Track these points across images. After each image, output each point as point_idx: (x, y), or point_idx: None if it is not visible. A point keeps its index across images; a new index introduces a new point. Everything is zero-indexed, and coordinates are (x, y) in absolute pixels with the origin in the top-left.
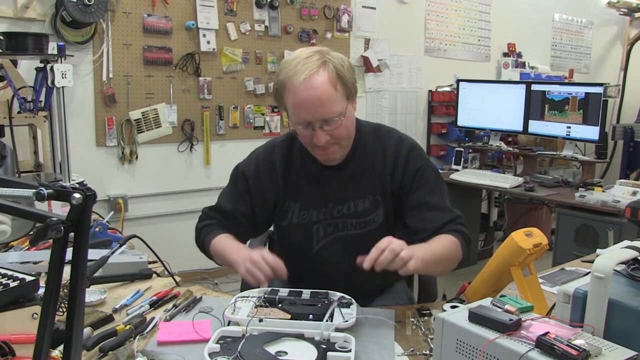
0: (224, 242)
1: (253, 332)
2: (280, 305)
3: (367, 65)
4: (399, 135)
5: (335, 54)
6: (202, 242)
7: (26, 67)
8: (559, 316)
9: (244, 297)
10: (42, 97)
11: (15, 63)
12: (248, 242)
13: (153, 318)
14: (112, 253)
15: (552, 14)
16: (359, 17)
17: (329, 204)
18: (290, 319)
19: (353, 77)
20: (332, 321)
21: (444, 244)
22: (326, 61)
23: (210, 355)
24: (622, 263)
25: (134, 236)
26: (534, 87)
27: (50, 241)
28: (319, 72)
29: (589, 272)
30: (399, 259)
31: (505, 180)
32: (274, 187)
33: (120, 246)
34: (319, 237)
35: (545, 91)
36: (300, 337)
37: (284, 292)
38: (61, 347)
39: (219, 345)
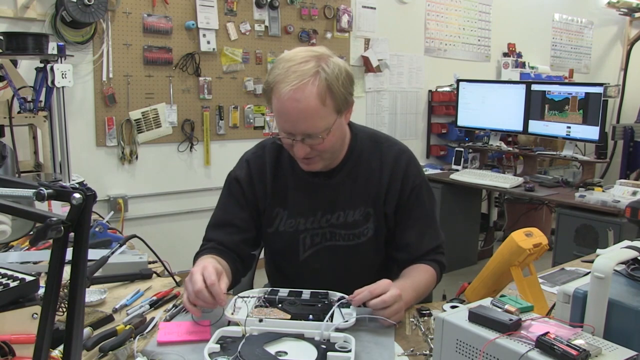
0: (199, 261)
1: (253, 332)
2: (280, 305)
3: (367, 65)
4: (400, 147)
5: (333, 62)
6: None
7: (26, 67)
8: (559, 316)
9: (243, 297)
10: (42, 97)
11: (15, 63)
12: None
13: (153, 318)
14: (112, 253)
15: (552, 14)
16: (359, 17)
17: (317, 213)
18: (290, 319)
19: (348, 90)
20: (332, 321)
21: (425, 283)
22: (319, 71)
23: (210, 355)
24: (622, 263)
25: (134, 236)
26: (534, 87)
27: (50, 241)
28: (308, 83)
29: (589, 272)
30: (387, 312)
31: (505, 180)
32: (263, 191)
33: (120, 246)
34: (306, 246)
35: (545, 91)
36: (300, 337)
37: (284, 292)
38: (61, 347)
39: (219, 346)
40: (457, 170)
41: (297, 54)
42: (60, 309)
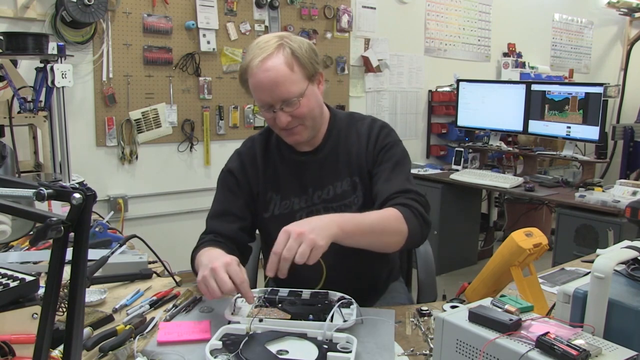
0: (204, 252)
1: (257, 331)
2: (280, 305)
3: (367, 65)
4: (372, 118)
5: (295, 38)
6: (192, 263)
7: (26, 67)
8: (559, 316)
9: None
10: (42, 97)
11: (15, 63)
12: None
13: (153, 318)
14: (112, 253)
15: (552, 14)
16: (359, 17)
17: (308, 190)
18: (290, 319)
19: (313, 59)
20: (331, 321)
21: (374, 218)
22: (283, 44)
23: (211, 352)
24: (622, 263)
25: (134, 236)
26: (534, 87)
27: (50, 241)
28: (273, 54)
29: (589, 272)
30: (300, 254)
31: (505, 180)
32: (256, 177)
33: (120, 246)
34: None
35: (545, 91)
36: (303, 336)
37: (284, 292)
38: (61, 347)
39: (221, 343)
40: (457, 170)
41: (262, 38)
42: (60, 309)
